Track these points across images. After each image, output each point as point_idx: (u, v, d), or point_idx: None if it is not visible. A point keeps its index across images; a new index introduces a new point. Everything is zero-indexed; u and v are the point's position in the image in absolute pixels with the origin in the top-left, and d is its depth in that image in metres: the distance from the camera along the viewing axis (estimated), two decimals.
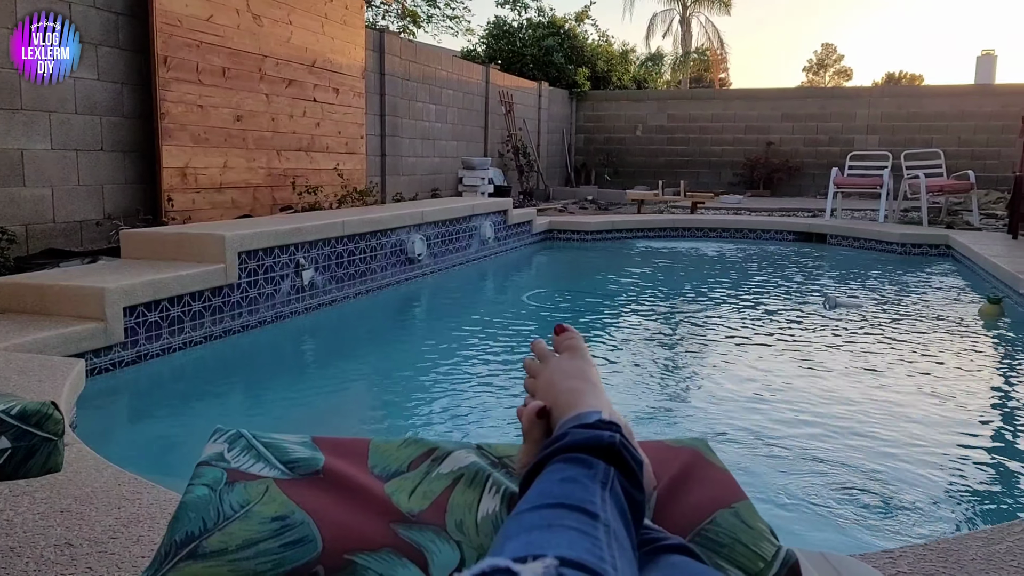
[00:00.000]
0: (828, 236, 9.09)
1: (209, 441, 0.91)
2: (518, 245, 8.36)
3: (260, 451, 0.88)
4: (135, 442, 3.09)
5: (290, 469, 0.86)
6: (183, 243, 4.38)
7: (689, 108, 16.05)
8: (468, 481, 0.86)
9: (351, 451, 0.91)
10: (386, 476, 0.87)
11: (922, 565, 1.51)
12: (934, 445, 2.84)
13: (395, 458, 0.91)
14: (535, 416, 0.79)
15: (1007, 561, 1.53)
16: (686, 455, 0.93)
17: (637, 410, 3.31)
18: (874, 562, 1.52)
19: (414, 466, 0.89)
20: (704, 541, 0.80)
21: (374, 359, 4.43)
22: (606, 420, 0.72)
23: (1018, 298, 5.16)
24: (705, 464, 0.92)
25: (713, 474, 0.91)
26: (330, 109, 7.56)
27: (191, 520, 0.78)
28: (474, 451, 0.93)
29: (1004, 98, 14.05)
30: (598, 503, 0.60)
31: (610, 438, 0.69)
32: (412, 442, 0.93)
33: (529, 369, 0.89)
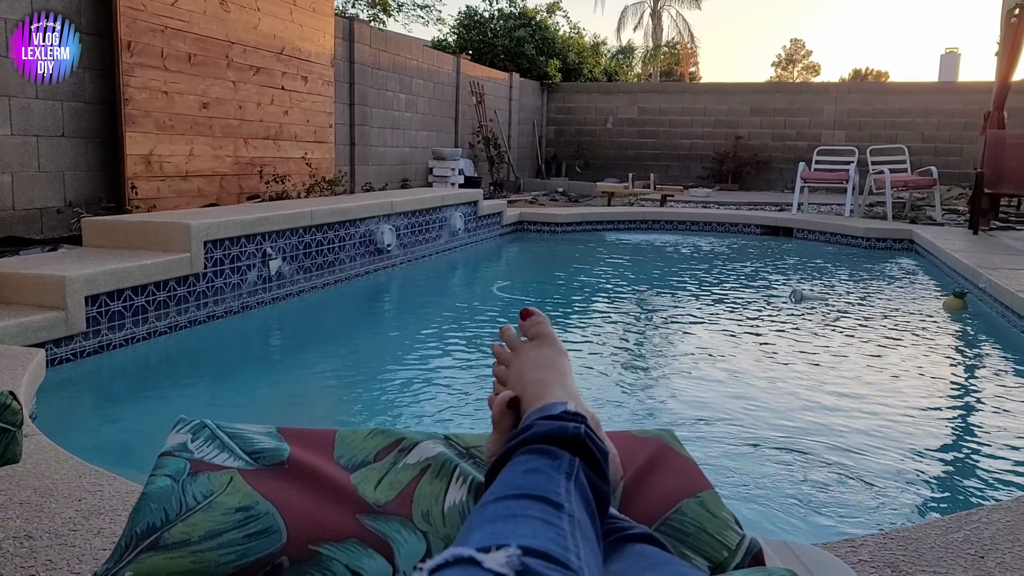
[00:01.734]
0: (795, 230, 9.20)
1: (172, 431, 0.90)
2: (488, 236, 8.35)
3: (224, 441, 0.87)
4: (97, 433, 3.04)
5: (254, 459, 0.85)
6: (147, 231, 4.31)
7: (659, 101, 16.12)
8: (435, 471, 0.86)
9: (317, 441, 0.90)
10: (352, 466, 0.87)
11: (883, 554, 1.53)
12: (895, 436, 2.89)
13: (361, 448, 0.90)
14: (505, 406, 0.79)
15: (964, 549, 1.56)
16: (652, 445, 0.94)
17: (605, 400, 3.32)
18: (837, 550, 1.54)
19: (380, 457, 0.89)
20: (670, 530, 0.81)
21: (342, 350, 4.40)
22: (572, 411, 0.72)
23: (978, 292, 5.27)
24: (671, 454, 0.93)
25: (679, 464, 0.91)
26: (299, 97, 7.48)
27: (152, 511, 0.77)
28: (441, 441, 0.92)
29: (966, 96, 14.29)
30: (563, 493, 0.60)
31: (575, 429, 0.69)
32: (378, 432, 0.93)
33: (498, 355, 0.89)
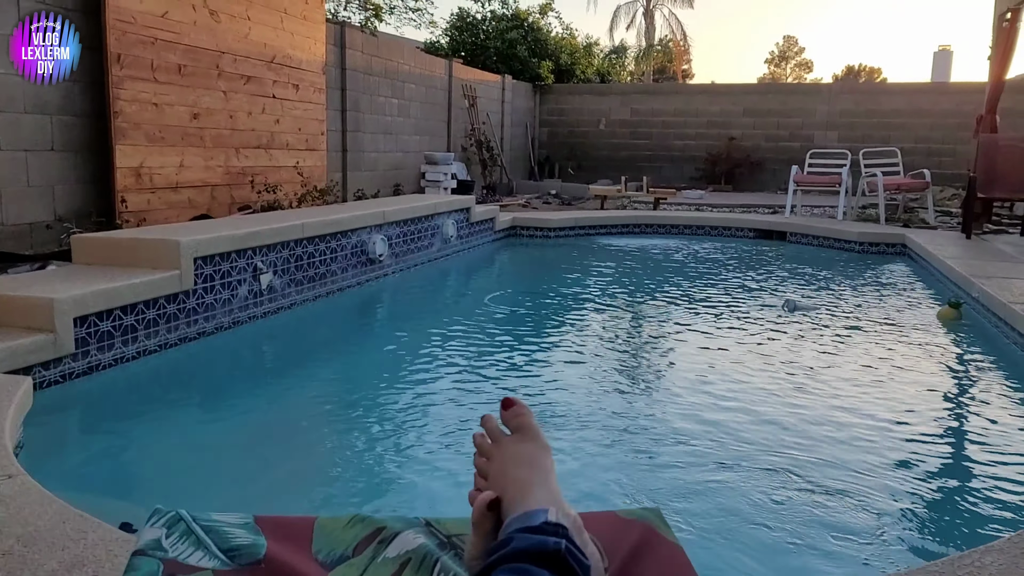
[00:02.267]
0: (788, 234, 9.20)
1: (147, 525, 0.88)
2: (481, 243, 8.33)
3: (199, 537, 0.85)
4: (87, 457, 3.02)
5: (230, 558, 0.83)
6: (137, 248, 4.27)
7: (652, 102, 16.11)
8: (415, 567, 0.84)
9: (295, 533, 0.89)
10: (330, 562, 0.85)
11: None
12: (882, 467, 2.87)
13: (340, 540, 0.88)
14: (485, 508, 0.78)
15: None
16: (638, 531, 0.92)
17: (598, 413, 3.31)
18: None
19: (360, 550, 0.87)
20: None
21: (333, 366, 4.38)
22: (552, 522, 0.71)
23: (972, 301, 5.27)
24: (657, 540, 0.91)
25: (666, 552, 0.90)
26: (290, 105, 7.45)
27: None
28: (423, 529, 0.91)
29: (959, 96, 14.32)
30: None
31: (555, 545, 0.67)
32: (358, 521, 0.91)
33: (479, 447, 0.87)
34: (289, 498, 2.64)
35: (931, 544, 2.29)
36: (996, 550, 1.76)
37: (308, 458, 3.08)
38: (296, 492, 2.71)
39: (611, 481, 2.68)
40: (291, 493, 2.69)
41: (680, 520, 2.36)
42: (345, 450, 3.07)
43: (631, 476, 2.73)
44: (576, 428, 3.18)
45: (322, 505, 2.56)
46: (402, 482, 2.77)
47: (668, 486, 2.64)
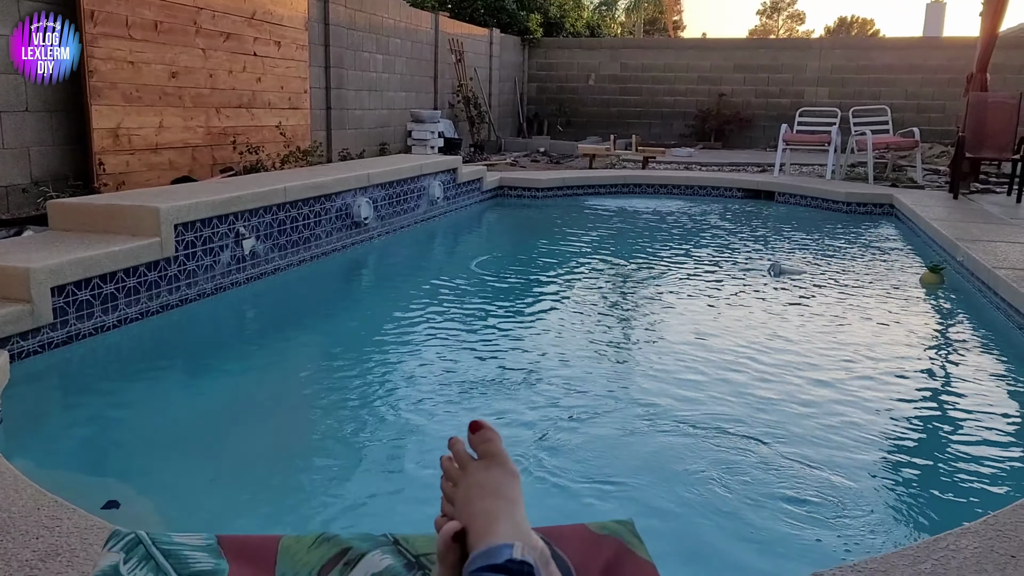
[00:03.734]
0: (776, 193, 9.16)
1: (105, 548, 0.86)
2: (468, 203, 8.26)
3: (159, 562, 0.83)
4: (67, 429, 3.00)
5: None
6: (115, 215, 4.20)
7: (642, 57, 15.90)
8: None
9: (258, 556, 0.86)
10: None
11: None
12: (863, 437, 2.88)
13: (304, 563, 0.86)
14: (450, 540, 0.76)
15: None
16: (610, 548, 0.91)
17: (585, 376, 3.31)
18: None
19: (324, 573, 0.85)
20: None
21: (318, 332, 4.35)
22: (517, 560, 0.69)
23: (957, 266, 5.27)
24: (629, 558, 0.90)
25: (636, 571, 0.88)
26: (271, 63, 7.30)
27: None
28: (390, 549, 0.89)
29: (951, 51, 14.20)
30: None
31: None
32: (324, 540, 0.89)
33: (446, 471, 0.85)
34: (264, 476, 2.63)
35: (906, 526, 2.31)
36: (971, 532, 1.77)
37: (291, 426, 3.07)
38: (278, 462, 2.70)
39: (593, 447, 2.69)
40: (273, 463, 2.68)
41: (655, 492, 2.37)
42: (329, 417, 3.07)
43: (615, 439, 2.73)
44: (561, 392, 3.17)
45: (297, 485, 2.55)
46: (384, 448, 2.77)
47: (646, 452, 2.64)
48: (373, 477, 2.60)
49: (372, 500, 2.45)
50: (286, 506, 2.40)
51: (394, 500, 2.44)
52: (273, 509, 2.38)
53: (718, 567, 2.05)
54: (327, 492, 2.49)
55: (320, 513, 2.35)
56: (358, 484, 2.56)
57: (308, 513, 2.35)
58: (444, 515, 0.83)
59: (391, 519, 2.30)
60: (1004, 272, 4.38)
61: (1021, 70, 13.43)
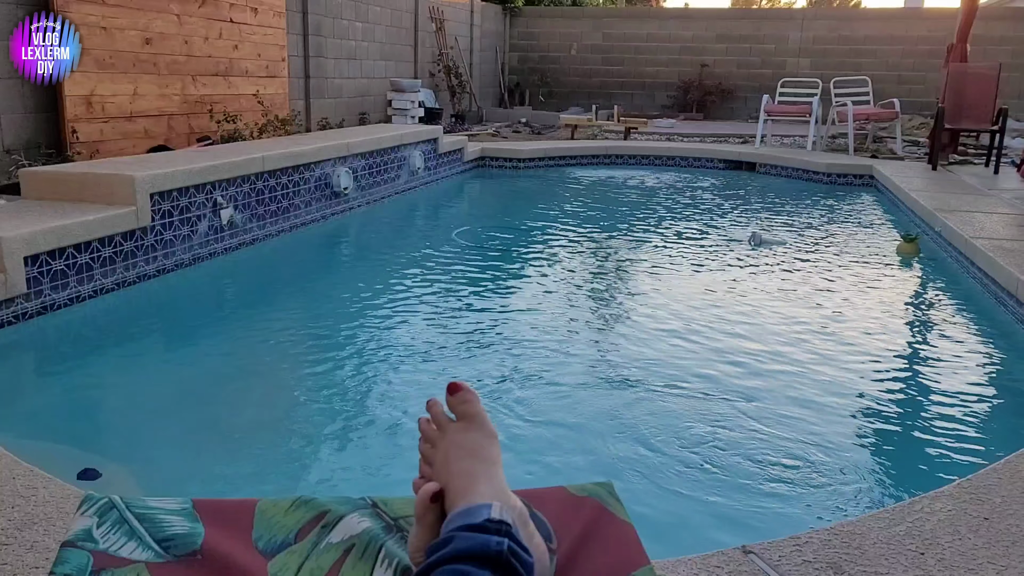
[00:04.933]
0: (757, 164, 9.17)
1: (77, 512, 0.85)
2: (449, 174, 8.21)
3: (133, 526, 0.82)
4: (42, 400, 2.97)
5: (165, 549, 0.80)
6: (90, 184, 4.13)
7: (624, 27, 15.78)
8: (359, 552, 0.82)
9: (234, 519, 0.86)
10: (271, 550, 0.83)
11: (827, 552, 1.55)
12: (839, 405, 2.91)
13: (282, 526, 0.85)
14: (428, 500, 0.75)
15: (905, 544, 1.58)
16: (589, 509, 0.91)
17: (564, 342, 3.31)
18: (781, 550, 1.56)
19: (302, 535, 0.84)
20: None
21: (296, 303, 4.32)
22: (495, 519, 0.69)
23: (934, 235, 5.31)
24: (608, 519, 0.90)
25: (616, 532, 0.88)
26: (248, 30, 7.17)
27: None
28: (368, 512, 0.88)
29: (931, 22, 14.20)
30: None
31: (497, 546, 0.65)
32: (301, 504, 0.88)
33: (424, 433, 0.84)
34: (243, 444, 2.62)
35: (882, 491, 2.34)
36: (945, 496, 1.80)
37: (269, 395, 3.06)
38: (255, 433, 2.69)
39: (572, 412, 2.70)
40: (246, 439, 2.67)
41: (631, 458, 2.39)
42: (307, 385, 3.06)
43: (593, 404, 2.74)
44: (540, 358, 3.18)
45: (276, 452, 2.54)
46: (363, 414, 2.76)
47: (623, 417, 2.65)
48: (352, 443, 2.60)
49: (351, 465, 2.45)
50: (263, 473, 2.40)
51: (372, 465, 2.44)
52: (251, 476, 2.38)
53: (695, 531, 2.07)
54: (305, 458, 2.49)
55: (299, 478, 2.35)
56: (336, 450, 2.56)
57: (285, 479, 2.35)
58: (422, 476, 0.82)
59: (369, 484, 2.30)
60: (981, 242, 4.41)
61: (1001, 41, 13.46)
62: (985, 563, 1.54)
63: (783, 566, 1.51)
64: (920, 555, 1.55)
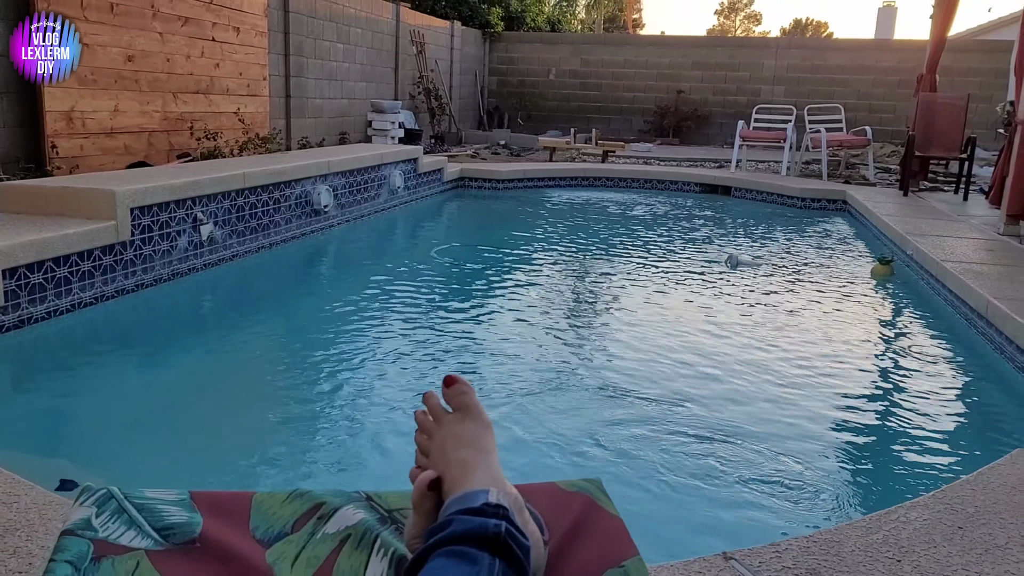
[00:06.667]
0: (733, 189, 9.30)
1: (75, 503, 0.85)
2: (428, 194, 8.24)
3: (132, 516, 0.83)
4: (19, 413, 2.93)
5: (164, 537, 0.81)
6: (69, 198, 4.12)
7: (602, 53, 16.00)
8: (355, 542, 0.84)
9: (232, 510, 0.87)
10: (268, 540, 0.84)
11: (805, 559, 1.58)
12: (817, 419, 2.96)
13: (278, 517, 0.87)
14: (425, 488, 0.77)
15: (882, 552, 1.61)
16: (578, 503, 0.93)
17: (541, 359, 3.33)
18: (761, 556, 1.58)
19: (298, 526, 0.86)
20: None
21: (276, 319, 4.31)
22: (492, 503, 0.71)
23: (906, 259, 5.42)
24: (597, 513, 0.92)
25: (605, 525, 0.91)
26: (230, 49, 7.19)
27: None
28: (363, 505, 0.90)
29: (901, 54, 14.54)
30: None
31: (495, 528, 0.67)
32: (297, 496, 0.90)
33: (421, 424, 0.87)
34: (228, 455, 2.61)
35: (859, 502, 2.38)
36: (921, 506, 1.84)
37: (248, 414, 3.05)
38: (235, 449, 2.68)
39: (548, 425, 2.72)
40: (230, 450, 2.66)
41: (610, 473, 2.41)
42: (286, 405, 3.05)
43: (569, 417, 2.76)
44: (519, 380, 3.20)
45: (261, 462, 2.54)
46: (343, 436, 2.76)
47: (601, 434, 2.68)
48: (330, 459, 2.59)
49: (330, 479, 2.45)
50: (243, 485, 2.39)
51: (351, 480, 2.44)
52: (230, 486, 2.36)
53: (674, 540, 2.09)
54: (283, 472, 2.48)
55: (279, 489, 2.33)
56: (312, 463, 2.56)
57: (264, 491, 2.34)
58: (419, 467, 0.84)
59: None
60: (951, 265, 4.51)
61: (968, 73, 13.81)
62: (959, 570, 1.57)
63: (763, 572, 1.53)
64: (896, 562, 1.58)
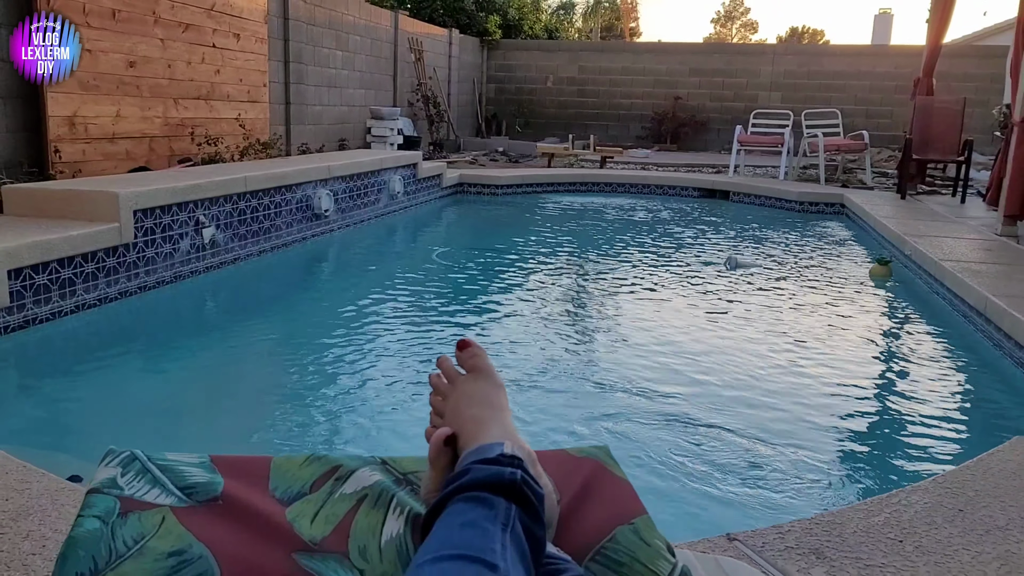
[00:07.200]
0: (731, 193, 9.34)
1: (101, 464, 0.88)
2: (428, 199, 8.28)
3: (155, 475, 0.85)
4: (25, 413, 2.95)
5: (187, 495, 0.83)
6: (73, 200, 4.15)
7: (600, 60, 16.07)
8: (372, 502, 0.86)
9: (251, 472, 0.89)
10: (288, 499, 0.86)
11: (808, 539, 1.60)
12: (819, 410, 2.99)
13: (297, 478, 0.89)
14: (442, 444, 0.80)
15: (884, 533, 1.64)
16: (588, 468, 0.95)
17: (539, 373, 3.35)
18: (764, 537, 1.60)
19: (317, 486, 0.88)
20: (604, 560, 0.83)
21: (278, 321, 4.33)
22: (508, 454, 0.73)
23: (904, 259, 5.45)
24: (606, 476, 0.95)
25: (614, 487, 0.93)
26: (231, 55, 7.23)
27: (81, 559, 0.75)
28: (379, 467, 0.92)
29: (897, 59, 14.61)
30: (498, 550, 0.61)
31: (511, 475, 0.70)
32: (315, 460, 0.92)
33: (435, 386, 0.89)
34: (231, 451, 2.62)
35: (861, 487, 2.41)
36: (922, 490, 1.86)
37: (251, 415, 3.06)
38: (237, 449, 2.69)
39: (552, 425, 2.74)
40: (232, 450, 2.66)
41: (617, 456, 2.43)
42: (289, 407, 3.06)
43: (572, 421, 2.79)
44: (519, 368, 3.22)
45: None
46: (346, 438, 2.78)
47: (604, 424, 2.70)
48: None
49: None
50: None
51: None
52: None
53: (681, 520, 2.12)
54: None
55: None
56: None
57: None
58: (433, 427, 0.86)
59: None
60: (950, 264, 4.54)
61: (964, 78, 13.87)
62: (960, 549, 1.59)
63: (767, 552, 1.55)
64: (899, 542, 1.61)
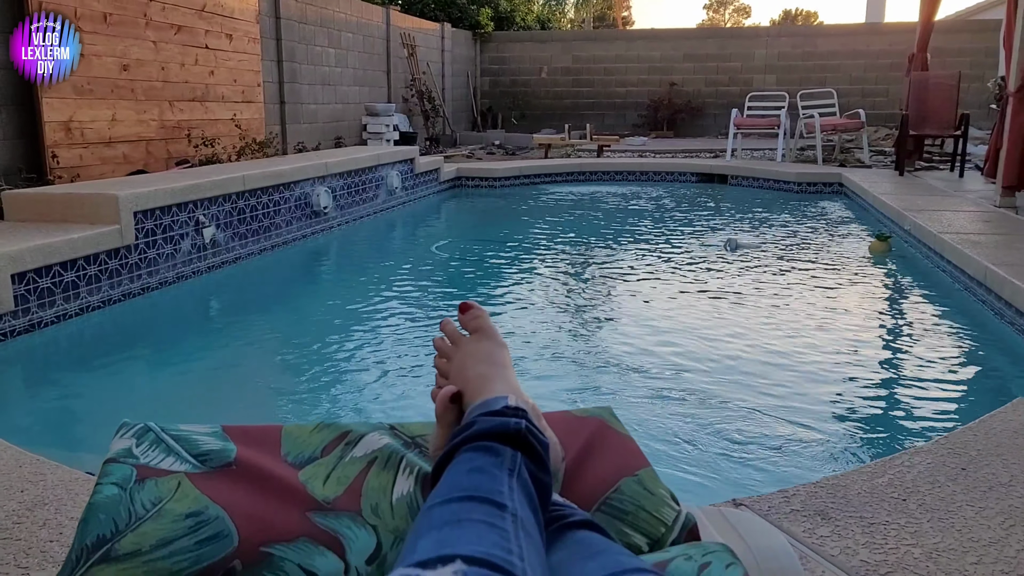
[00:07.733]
0: (729, 176, 9.34)
1: (116, 436, 0.90)
2: (426, 194, 8.29)
3: (169, 444, 0.87)
4: (33, 417, 2.98)
5: (201, 462, 0.85)
6: (73, 204, 4.17)
7: (593, 49, 16.05)
8: (382, 463, 0.88)
9: (263, 439, 0.91)
10: (300, 463, 0.88)
11: (813, 502, 1.62)
12: (822, 381, 3.02)
13: (308, 444, 0.91)
14: (447, 401, 0.81)
15: (888, 493, 1.66)
16: (592, 425, 0.97)
17: (545, 357, 3.37)
18: (770, 502, 1.62)
19: (327, 451, 0.90)
20: (610, 510, 0.85)
21: (281, 319, 4.35)
22: (512, 406, 0.75)
23: (904, 234, 5.46)
24: (610, 433, 0.97)
25: (617, 442, 0.95)
26: (224, 56, 7.24)
27: (101, 522, 0.77)
28: (387, 432, 0.94)
29: (891, 36, 14.58)
30: (505, 492, 0.63)
31: (516, 424, 0.72)
32: (324, 427, 0.94)
33: (439, 349, 0.91)
34: None
35: (864, 451, 2.43)
36: (924, 451, 1.88)
37: (258, 411, 3.08)
38: None
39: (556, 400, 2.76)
40: None
41: None
42: (293, 403, 3.08)
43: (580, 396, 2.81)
44: (522, 356, 3.24)
45: None
46: None
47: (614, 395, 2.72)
48: None
49: None
50: None
51: None
52: None
53: (689, 487, 2.14)
54: None
55: None
56: None
57: None
58: (439, 388, 0.88)
59: None
60: (949, 236, 4.56)
61: (959, 53, 13.85)
62: (964, 506, 1.61)
63: (772, 515, 1.57)
64: (902, 501, 1.62)
